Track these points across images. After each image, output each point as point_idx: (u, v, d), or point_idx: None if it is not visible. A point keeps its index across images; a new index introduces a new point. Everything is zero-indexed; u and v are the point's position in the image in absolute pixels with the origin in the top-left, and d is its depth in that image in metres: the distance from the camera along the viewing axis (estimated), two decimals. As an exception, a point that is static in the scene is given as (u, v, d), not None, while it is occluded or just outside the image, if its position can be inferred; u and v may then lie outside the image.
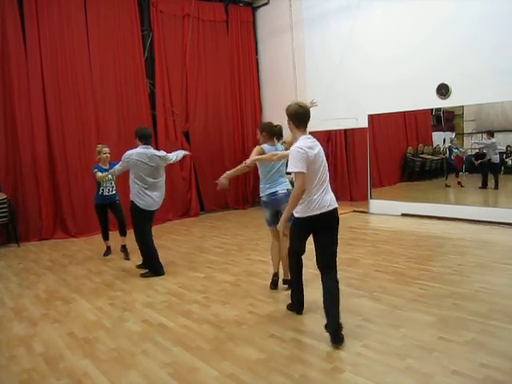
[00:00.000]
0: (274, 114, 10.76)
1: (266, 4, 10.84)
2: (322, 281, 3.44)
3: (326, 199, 3.40)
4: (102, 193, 6.26)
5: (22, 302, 4.69)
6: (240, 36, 10.90)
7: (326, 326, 3.36)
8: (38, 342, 3.62)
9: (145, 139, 5.34)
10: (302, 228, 3.56)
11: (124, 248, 6.42)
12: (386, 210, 8.65)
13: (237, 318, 3.89)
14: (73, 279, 5.44)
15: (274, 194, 4.45)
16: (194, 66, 10.07)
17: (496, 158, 8.33)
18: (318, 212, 3.37)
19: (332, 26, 9.32)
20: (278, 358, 3.09)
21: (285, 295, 4.37)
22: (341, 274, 3.84)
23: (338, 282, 3.40)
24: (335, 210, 3.46)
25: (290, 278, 4.15)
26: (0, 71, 7.55)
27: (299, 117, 3.52)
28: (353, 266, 5.28)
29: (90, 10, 8.41)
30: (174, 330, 3.71)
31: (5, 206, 7.32)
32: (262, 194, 4.57)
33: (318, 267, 3.47)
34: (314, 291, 4.23)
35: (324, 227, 3.44)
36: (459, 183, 8.81)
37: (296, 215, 3.49)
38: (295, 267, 3.83)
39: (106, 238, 6.58)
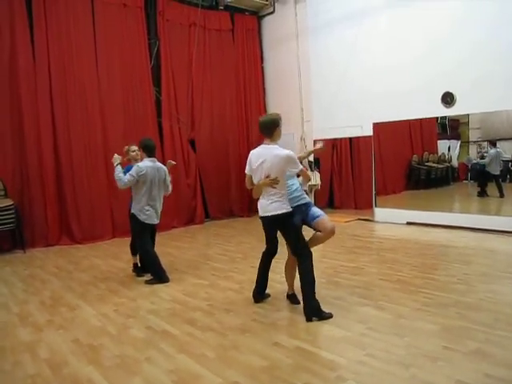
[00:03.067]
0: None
1: (272, 13, 10.92)
2: None
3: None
4: None
5: (27, 307, 4.71)
6: (245, 44, 10.98)
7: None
8: (43, 347, 3.63)
9: (149, 151, 5.41)
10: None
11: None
12: (391, 219, 8.64)
13: (241, 325, 3.89)
14: (78, 286, 5.47)
15: None
16: (200, 74, 10.14)
17: (494, 169, 8.29)
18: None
19: (337, 34, 9.38)
20: (282, 366, 3.09)
21: (288, 303, 4.38)
22: (345, 283, 3.87)
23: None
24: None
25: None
26: (8, 79, 7.63)
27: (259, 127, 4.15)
28: (357, 274, 5.27)
29: (98, 19, 8.50)
30: (178, 337, 3.71)
31: (11, 211, 7.35)
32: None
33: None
34: (319, 300, 4.22)
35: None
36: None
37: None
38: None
39: (135, 251, 5.89)
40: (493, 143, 8.24)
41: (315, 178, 9.99)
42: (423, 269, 5.38)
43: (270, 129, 4.06)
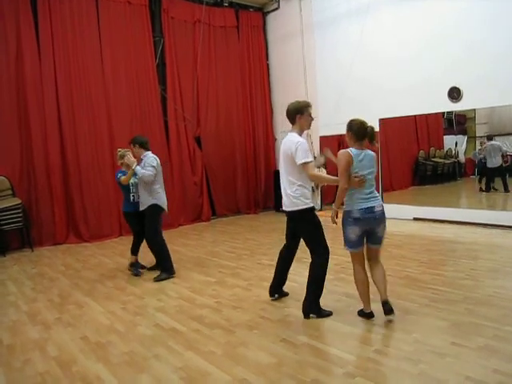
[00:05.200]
0: (285, 118, 10.76)
1: (277, 9, 10.90)
2: None
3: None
4: (134, 199, 5.69)
5: (36, 306, 4.74)
6: (250, 41, 10.96)
7: None
8: (52, 345, 3.66)
9: (147, 145, 5.63)
10: None
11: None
12: (398, 214, 8.59)
13: (248, 322, 3.90)
14: (85, 283, 5.50)
15: (370, 209, 3.73)
16: (205, 71, 10.14)
17: (492, 162, 8.28)
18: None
19: (342, 30, 9.33)
20: (290, 363, 3.09)
21: (296, 300, 4.38)
22: (352, 279, 3.85)
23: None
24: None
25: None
26: (15, 80, 7.66)
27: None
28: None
29: (102, 17, 8.51)
30: (186, 334, 3.72)
31: (19, 211, 7.40)
32: (350, 208, 3.76)
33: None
34: (327, 297, 4.22)
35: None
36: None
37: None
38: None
39: (135, 251, 5.91)
40: (489, 137, 8.25)
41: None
42: (431, 265, 5.36)
43: (291, 116, 4.02)
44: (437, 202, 8.52)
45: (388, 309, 3.62)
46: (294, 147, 3.81)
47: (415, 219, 8.35)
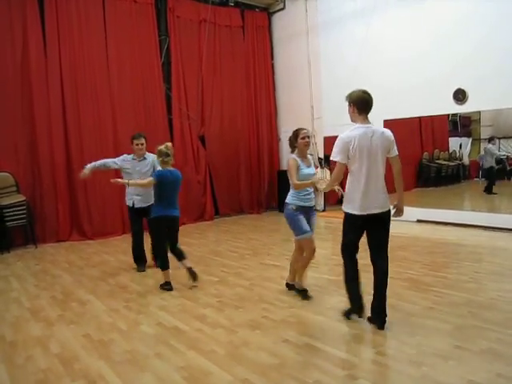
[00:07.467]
0: (290, 118, 10.78)
1: (282, 9, 10.90)
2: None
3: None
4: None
5: (38, 302, 4.75)
6: (256, 41, 10.96)
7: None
8: (54, 342, 3.66)
9: None
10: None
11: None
12: (401, 216, 8.55)
13: (251, 322, 3.89)
14: (88, 281, 5.50)
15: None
16: (210, 70, 10.15)
17: (485, 164, 8.56)
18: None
19: (347, 31, 9.32)
20: (292, 364, 3.09)
21: (298, 299, 4.38)
22: (355, 280, 3.85)
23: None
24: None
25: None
26: (20, 76, 7.68)
27: (362, 103, 3.52)
28: (367, 271, 5.23)
29: (109, 15, 8.54)
30: (188, 333, 3.72)
31: (23, 207, 7.42)
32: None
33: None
34: (330, 298, 4.22)
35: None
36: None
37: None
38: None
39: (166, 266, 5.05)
40: (489, 139, 8.44)
41: (325, 175, 9.95)
42: (434, 267, 5.35)
43: (371, 106, 3.58)
44: (440, 204, 8.49)
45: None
46: (392, 138, 3.63)
47: (418, 221, 8.32)
